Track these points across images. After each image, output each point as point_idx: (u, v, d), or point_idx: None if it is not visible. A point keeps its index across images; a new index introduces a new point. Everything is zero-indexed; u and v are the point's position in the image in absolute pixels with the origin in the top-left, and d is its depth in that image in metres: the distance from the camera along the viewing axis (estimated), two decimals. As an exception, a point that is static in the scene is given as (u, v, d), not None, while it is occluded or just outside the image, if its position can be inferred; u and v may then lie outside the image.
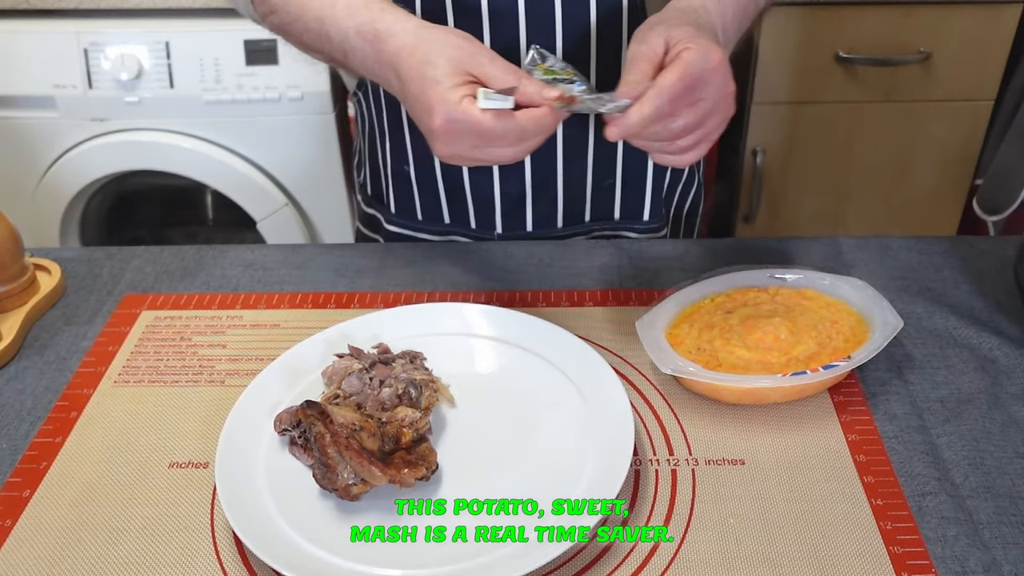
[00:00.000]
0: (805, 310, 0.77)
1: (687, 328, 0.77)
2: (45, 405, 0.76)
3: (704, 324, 0.77)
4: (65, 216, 1.83)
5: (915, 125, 1.82)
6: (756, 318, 0.76)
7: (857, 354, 0.71)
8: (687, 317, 0.79)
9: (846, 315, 0.77)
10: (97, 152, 1.75)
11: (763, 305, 0.78)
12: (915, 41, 1.72)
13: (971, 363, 0.78)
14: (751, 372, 0.72)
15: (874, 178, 1.86)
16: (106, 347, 0.82)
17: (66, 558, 0.63)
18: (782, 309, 0.77)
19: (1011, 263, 0.87)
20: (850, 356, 0.71)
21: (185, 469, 0.70)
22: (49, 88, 1.69)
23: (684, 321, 0.78)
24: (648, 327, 0.76)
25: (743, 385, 0.70)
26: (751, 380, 0.70)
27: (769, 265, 0.82)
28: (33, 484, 0.68)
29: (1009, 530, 0.63)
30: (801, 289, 0.80)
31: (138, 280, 0.91)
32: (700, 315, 0.78)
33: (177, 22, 1.67)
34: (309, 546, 0.61)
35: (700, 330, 0.77)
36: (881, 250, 0.92)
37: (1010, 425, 0.72)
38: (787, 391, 0.71)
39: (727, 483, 0.67)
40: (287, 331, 0.83)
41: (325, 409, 0.66)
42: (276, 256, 0.95)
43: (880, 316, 0.75)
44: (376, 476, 0.63)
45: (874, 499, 0.65)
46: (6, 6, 1.67)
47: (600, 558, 0.62)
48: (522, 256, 0.93)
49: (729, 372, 0.72)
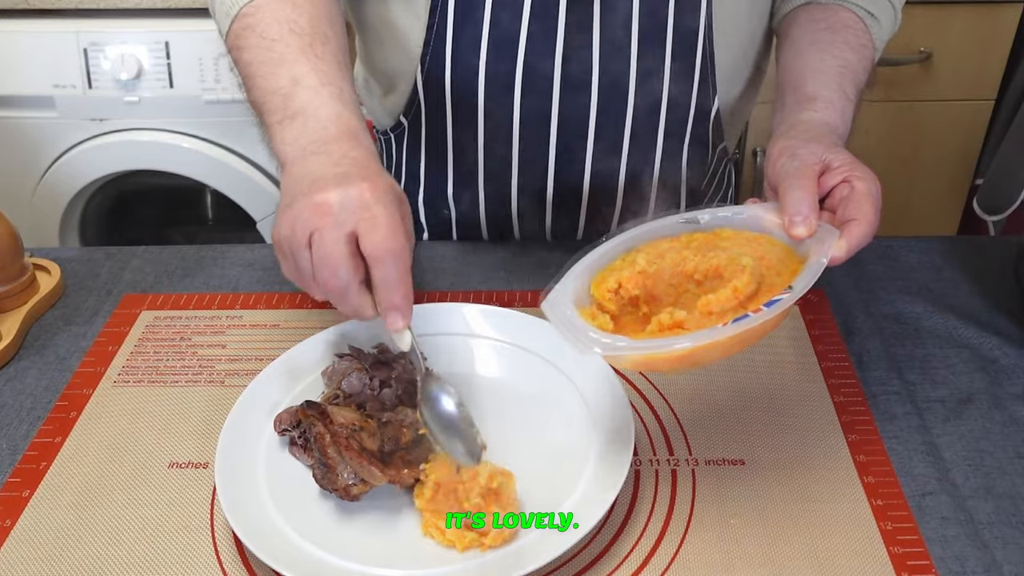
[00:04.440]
0: (726, 251, 0.66)
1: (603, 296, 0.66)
2: (45, 405, 0.76)
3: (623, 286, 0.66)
4: (65, 216, 1.83)
5: (915, 125, 1.82)
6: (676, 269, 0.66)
7: (797, 282, 0.60)
8: (600, 284, 0.67)
9: (770, 247, 0.66)
10: (97, 152, 1.75)
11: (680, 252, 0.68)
12: (915, 41, 1.72)
13: (971, 363, 0.78)
14: (692, 330, 0.61)
15: (874, 178, 1.86)
16: (106, 347, 0.82)
17: (66, 558, 0.63)
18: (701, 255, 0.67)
19: (1011, 263, 0.87)
20: (791, 286, 0.60)
21: (185, 469, 0.70)
22: (49, 88, 1.69)
23: (598, 289, 0.66)
24: (555, 306, 0.63)
25: (681, 347, 0.58)
26: (691, 339, 0.58)
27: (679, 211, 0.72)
28: (33, 484, 0.68)
29: (1009, 530, 0.63)
30: (716, 229, 0.69)
31: (138, 280, 0.91)
32: (615, 278, 0.66)
33: (177, 22, 1.67)
34: (309, 546, 0.61)
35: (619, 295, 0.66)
36: (881, 250, 0.92)
37: (1010, 425, 0.72)
38: (732, 341, 0.59)
39: (727, 483, 0.67)
40: (287, 331, 0.83)
41: (325, 409, 0.66)
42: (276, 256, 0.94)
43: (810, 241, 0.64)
44: (376, 476, 0.63)
45: (874, 499, 0.65)
46: (6, 6, 1.67)
47: (600, 558, 0.62)
48: (522, 256, 0.93)
49: (662, 335, 0.61)
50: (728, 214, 0.69)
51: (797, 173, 0.65)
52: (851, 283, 0.88)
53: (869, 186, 0.65)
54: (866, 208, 0.63)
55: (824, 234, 0.63)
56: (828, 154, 0.67)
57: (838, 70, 0.77)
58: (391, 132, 0.98)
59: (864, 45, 0.81)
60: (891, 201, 2.10)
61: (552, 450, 0.69)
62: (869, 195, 0.64)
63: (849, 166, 0.66)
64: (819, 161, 0.66)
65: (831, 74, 0.77)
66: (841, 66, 0.78)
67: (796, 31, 0.84)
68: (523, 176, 0.91)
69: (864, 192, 0.64)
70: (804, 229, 0.63)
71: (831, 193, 0.66)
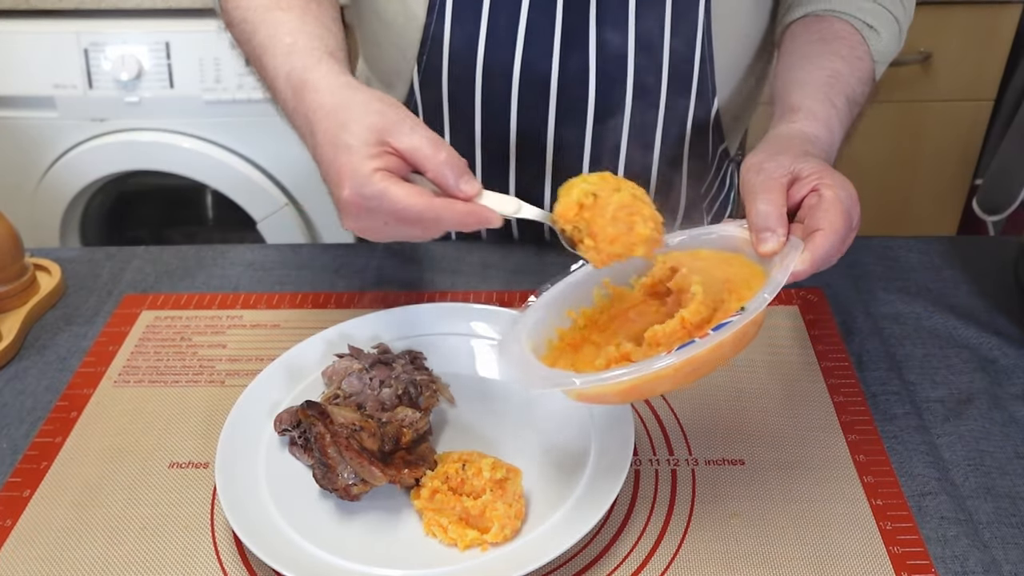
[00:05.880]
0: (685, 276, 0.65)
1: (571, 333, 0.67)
2: (45, 405, 0.76)
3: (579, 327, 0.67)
4: (65, 216, 1.83)
5: (915, 125, 1.82)
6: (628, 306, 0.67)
7: (751, 303, 0.57)
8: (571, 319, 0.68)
9: (740, 267, 0.63)
10: (97, 152, 1.75)
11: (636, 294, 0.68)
12: (915, 41, 1.72)
13: (971, 363, 0.78)
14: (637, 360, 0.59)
15: (874, 178, 1.86)
16: (106, 347, 0.82)
17: (66, 558, 0.63)
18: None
19: (1011, 263, 0.87)
20: (743, 307, 0.57)
21: (185, 469, 0.70)
22: (49, 88, 1.69)
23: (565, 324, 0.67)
24: (505, 346, 0.63)
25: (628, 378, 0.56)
26: (633, 369, 0.56)
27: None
28: (33, 484, 0.68)
29: (1009, 530, 0.63)
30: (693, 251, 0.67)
31: (138, 280, 0.91)
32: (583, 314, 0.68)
33: (177, 22, 1.67)
34: (309, 546, 0.61)
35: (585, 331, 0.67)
36: (881, 250, 0.92)
37: (1010, 425, 0.72)
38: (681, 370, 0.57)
39: (727, 483, 0.67)
40: (287, 331, 0.83)
41: (325, 409, 0.66)
42: (276, 256, 0.95)
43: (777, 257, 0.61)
44: (376, 476, 0.63)
45: (874, 499, 0.65)
46: (6, 6, 1.67)
47: (600, 558, 0.62)
48: (522, 256, 0.93)
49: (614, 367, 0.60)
50: (700, 233, 0.67)
51: (763, 187, 0.63)
52: (851, 283, 0.88)
53: (837, 192, 0.61)
54: (832, 216, 0.60)
55: (790, 248, 0.60)
56: (796, 164, 0.64)
57: (825, 80, 0.75)
58: None
59: (859, 57, 0.79)
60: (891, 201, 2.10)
61: (552, 450, 0.69)
62: (837, 202, 0.60)
63: (818, 174, 0.62)
64: (787, 173, 0.63)
65: (816, 85, 0.75)
66: (829, 76, 0.75)
67: (790, 44, 0.83)
68: (521, 175, 0.91)
69: (831, 199, 0.61)
70: (771, 245, 0.60)
71: (801, 203, 0.63)
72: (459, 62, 0.84)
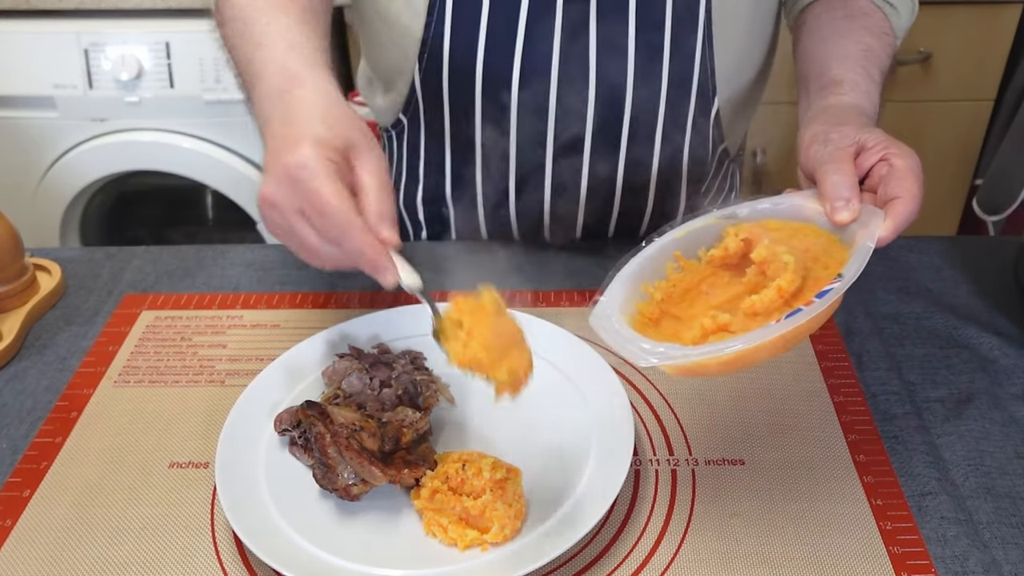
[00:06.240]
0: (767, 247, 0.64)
1: (650, 307, 0.66)
2: (45, 405, 0.76)
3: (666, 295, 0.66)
4: (65, 216, 1.83)
5: (915, 125, 1.82)
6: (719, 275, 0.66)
7: (847, 270, 0.58)
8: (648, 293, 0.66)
9: (815, 237, 0.64)
10: (97, 152, 1.75)
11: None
12: (915, 41, 1.72)
13: (971, 363, 0.78)
14: (738, 332, 0.60)
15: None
16: (106, 347, 0.82)
17: (66, 558, 0.63)
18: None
19: (1011, 263, 0.87)
20: (840, 275, 0.58)
21: (185, 469, 0.70)
22: (49, 88, 1.69)
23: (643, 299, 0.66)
24: (602, 319, 0.63)
25: (734, 350, 0.56)
26: (743, 340, 0.56)
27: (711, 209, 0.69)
28: (33, 484, 0.68)
29: (1009, 530, 0.63)
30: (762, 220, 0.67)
31: (138, 280, 0.91)
32: (659, 288, 0.66)
33: (177, 22, 1.67)
34: (309, 546, 0.61)
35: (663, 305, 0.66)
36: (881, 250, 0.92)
37: (1010, 425, 0.72)
38: (784, 339, 0.57)
39: (727, 483, 0.67)
40: (287, 331, 0.83)
41: (325, 409, 0.66)
42: (276, 256, 0.95)
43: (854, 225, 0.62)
44: (376, 476, 0.63)
45: (874, 499, 0.65)
46: (6, 6, 1.67)
47: (600, 558, 0.62)
48: (522, 256, 0.93)
49: (713, 341, 0.60)
50: (768, 205, 0.67)
51: (832, 157, 0.64)
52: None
53: (909, 162, 0.62)
54: (908, 184, 0.61)
55: (868, 217, 0.61)
56: (861, 134, 0.65)
57: (862, 54, 0.76)
58: (392, 129, 0.98)
59: (885, 32, 0.81)
60: (891, 201, 2.03)
61: (552, 450, 0.69)
62: (910, 171, 0.62)
63: (885, 143, 0.64)
64: (853, 143, 0.65)
65: (855, 58, 0.76)
66: (864, 50, 0.77)
67: (814, 22, 0.84)
68: (520, 175, 0.91)
69: (904, 168, 0.62)
70: (848, 214, 0.61)
71: (869, 173, 0.64)
72: (459, 61, 0.84)
